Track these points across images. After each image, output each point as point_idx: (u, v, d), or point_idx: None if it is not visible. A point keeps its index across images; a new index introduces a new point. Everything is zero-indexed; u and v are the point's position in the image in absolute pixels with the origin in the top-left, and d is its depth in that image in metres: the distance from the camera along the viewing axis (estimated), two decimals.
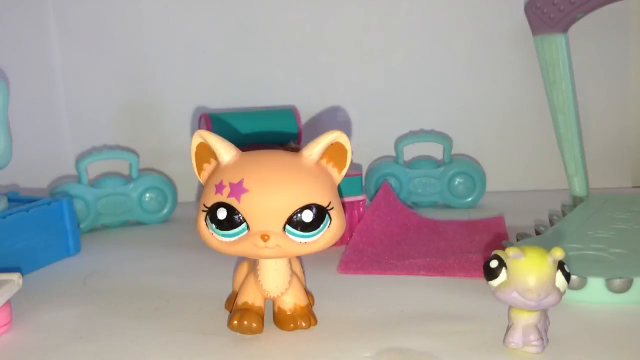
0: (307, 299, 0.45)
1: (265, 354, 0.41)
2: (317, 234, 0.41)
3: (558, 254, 0.37)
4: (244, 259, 0.47)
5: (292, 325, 0.44)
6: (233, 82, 0.82)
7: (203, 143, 0.42)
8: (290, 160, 0.41)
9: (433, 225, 0.67)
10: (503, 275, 0.38)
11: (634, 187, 0.84)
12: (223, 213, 0.40)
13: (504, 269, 0.38)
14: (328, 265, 0.57)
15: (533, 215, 0.68)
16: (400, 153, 0.78)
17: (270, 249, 0.40)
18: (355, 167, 0.74)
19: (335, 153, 0.42)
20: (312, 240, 0.41)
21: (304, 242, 0.40)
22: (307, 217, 0.40)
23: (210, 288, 0.52)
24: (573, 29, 0.71)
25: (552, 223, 0.62)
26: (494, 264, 0.38)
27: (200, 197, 0.42)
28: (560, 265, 0.38)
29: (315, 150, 0.42)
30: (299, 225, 0.40)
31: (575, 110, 0.72)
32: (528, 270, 0.37)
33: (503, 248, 0.39)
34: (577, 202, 0.70)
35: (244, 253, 0.41)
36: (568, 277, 0.38)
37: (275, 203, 0.40)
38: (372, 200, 0.69)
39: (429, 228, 0.67)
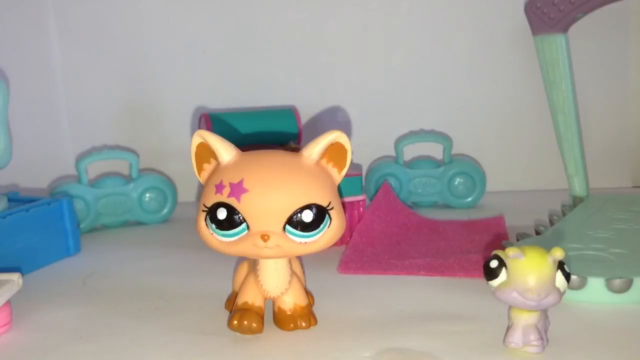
0: (307, 299, 0.45)
1: (265, 354, 0.41)
2: (317, 234, 0.41)
3: (558, 254, 0.37)
4: (244, 259, 0.47)
5: (292, 325, 0.44)
6: (233, 82, 0.82)
7: (203, 143, 0.42)
8: (290, 160, 0.41)
9: (433, 225, 0.67)
10: (503, 275, 0.38)
11: (634, 187, 0.84)
12: (223, 213, 0.40)
13: (504, 269, 0.38)
14: (328, 265, 0.57)
15: (533, 215, 0.68)
16: (400, 153, 0.78)
17: (270, 249, 0.40)
18: (355, 167, 0.74)
19: (335, 153, 0.42)
20: (312, 240, 0.41)
21: (304, 242, 0.40)
22: (307, 217, 0.40)
23: (210, 288, 0.52)
24: (573, 29, 0.71)
25: (552, 223, 0.62)
26: (494, 264, 0.38)
27: (200, 197, 0.42)
28: (560, 265, 0.38)
29: (315, 150, 0.42)
30: (299, 225, 0.40)
31: (575, 110, 0.72)
32: (528, 270, 0.37)
33: (503, 248, 0.39)
34: (577, 202, 0.70)
35: (244, 253, 0.41)
36: (568, 277, 0.38)
37: (275, 203, 0.40)
38: (372, 200, 0.69)
39: (429, 228, 0.67)
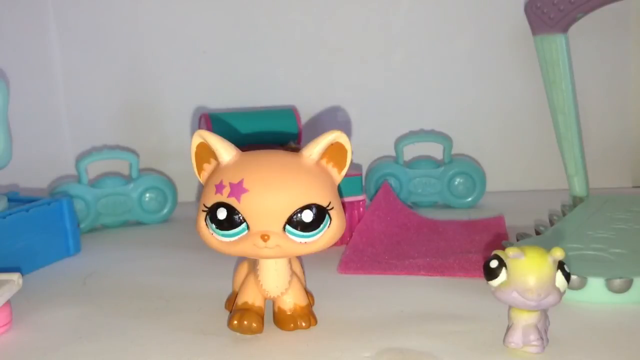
0: (307, 299, 0.45)
1: (265, 354, 0.41)
2: (317, 234, 0.41)
3: (558, 254, 0.37)
4: (244, 259, 0.47)
5: (292, 325, 0.44)
6: (233, 82, 0.82)
7: (203, 143, 0.42)
8: (290, 160, 0.41)
9: (433, 225, 0.67)
10: (503, 275, 0.38)
11: (634, 187, 0.84)
12: (223, 213, 0.40)
13: (504, 269, 0.38)
14: (328, 265, 0.57)
15: (533, 215, 0.68)
16: (400, 153, 0.78)
17: (270, 249, 0.40)
18: (355, 167, 0.74)
19: (335, 153, 0.42)
20: (312, 240, 0.41)
21: (304, 242, 0.40)
22: (307, 217, 0.40)
23: (210, 288, 0.52)
24: (573, 29, 0.71)
25: (552, 223, 0.62)
26: (494, 264, 0.38)
27: (200, 197, 0.42)
28: (560, 265, 0.38)
29: (315, 150, 0.42)
30: (299, 225, 0.40)
31: (575, 110, 0.72)
32: (528, 270, 0.37)
33: (503, 248, 0.39)
34: (577, 202, 0.70)
35: (244, 253, 0.41)
36: (568, 277, 0.38)
37: (275, 203, 0.40)
38: (372, 200, 0.69)
39: (429, 228, 0.66)
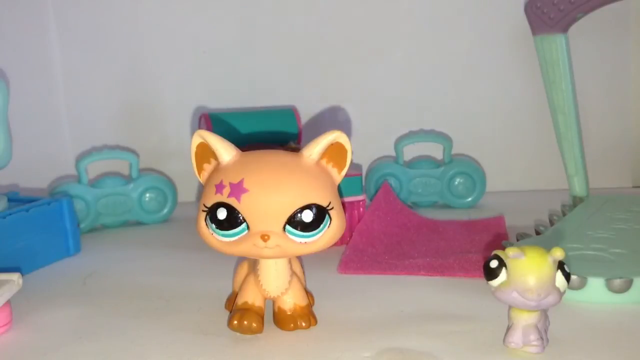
0: (307, 299, 0.45)
1: (265, 354, 0.41)
2: (317, 234, 0.41)
3: (558, 254, 0.37)
4: (244, 259, 0.47)
5: (292, 325, 0.44)
6: (233, 82, 0.82)
7: (203, 143, 0.42)
8: (290, 160, 0.41)
9: (433, 225, 0.67)
10: (503, 275, 0.38)
11: (634, 187, 0.84)
12: (223, 213, 0.40)
13: (504, 269, 0.38)
14: (328, 265, 0.57)
15: (533, 215, 0.68)
16: (400, 153, 0.78)
17: (271, 249, 0.40)
18: (355, 167, 0.74)
19: (335, 153, 0.42)
20: (312, 240, 0.41)
21: (304, 242, 0.40)
22: (307, 217, 0.40)
23: (210, 288, 0.52)
24: (573, 29, 0.71)
25: (552, 223, 0.62)
26: (494, 264, 0.38)
27: (200, 197, 0.42)
28: (560, 265, 0.38)
29: (315, 150, 0.41)
30: (299, 225, 0.40)
31: (575, 110, 0.72)
32: (528, 270, 0.37)
33: (503, 248, 0.39)
34: (577, 202, 0.70)
35: (244, 253, 0.41)
36: (568, 277, 0.38)
37: (276, 203, 0.40)
38: (372, 200, 0.69)
39: (429, 228, 0.66)
